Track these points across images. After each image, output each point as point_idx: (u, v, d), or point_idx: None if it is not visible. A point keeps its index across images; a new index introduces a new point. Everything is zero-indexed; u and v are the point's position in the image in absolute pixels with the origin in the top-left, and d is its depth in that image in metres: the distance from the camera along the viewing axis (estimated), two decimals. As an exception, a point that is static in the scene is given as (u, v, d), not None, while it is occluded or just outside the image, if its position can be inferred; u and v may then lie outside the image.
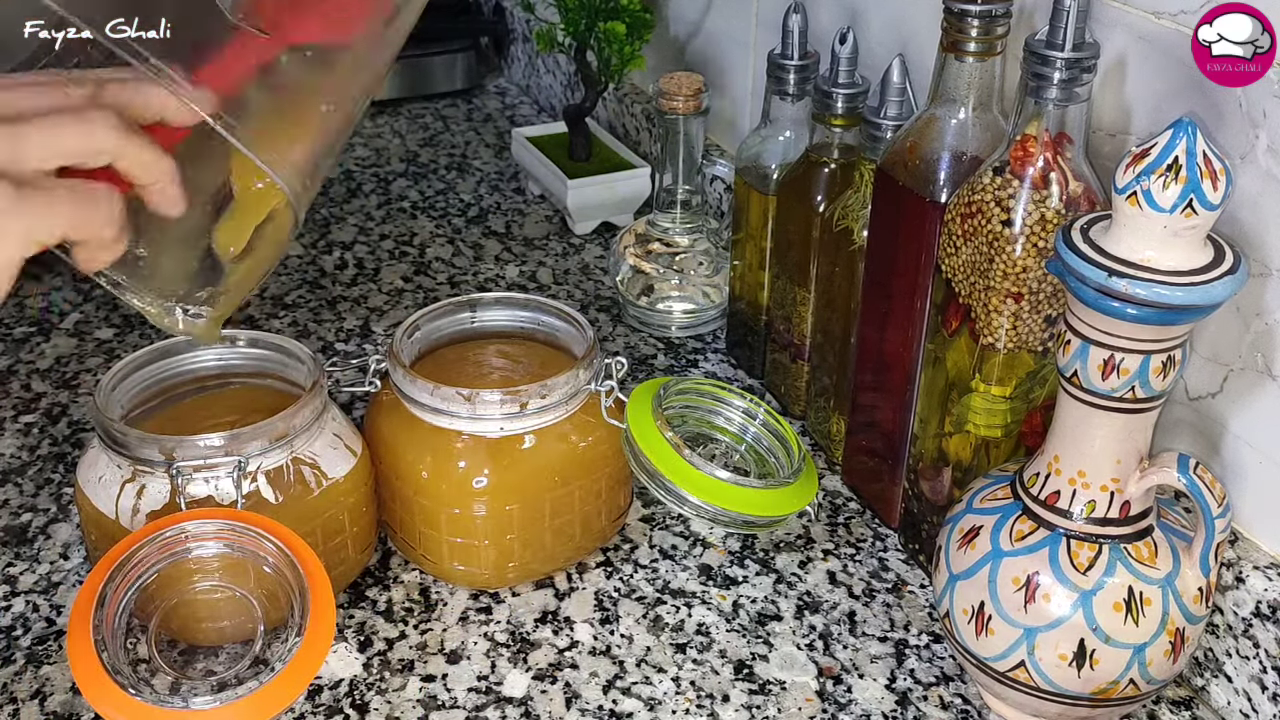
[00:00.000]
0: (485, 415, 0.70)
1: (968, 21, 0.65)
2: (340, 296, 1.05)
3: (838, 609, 0.73)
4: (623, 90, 1.23)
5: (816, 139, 0.82)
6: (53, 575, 0.75)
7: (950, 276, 0.67)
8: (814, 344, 0.86)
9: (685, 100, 0.93)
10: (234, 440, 0.66)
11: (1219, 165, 0.53)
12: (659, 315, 1.00)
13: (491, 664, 0.69)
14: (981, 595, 0.61)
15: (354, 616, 0.72)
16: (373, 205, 1.21)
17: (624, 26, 1.04)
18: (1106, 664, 0.59)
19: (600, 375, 0.74)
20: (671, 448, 0.71)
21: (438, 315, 0.78)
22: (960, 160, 0.68)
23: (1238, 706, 0.65)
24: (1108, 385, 0.56)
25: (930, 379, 0.71)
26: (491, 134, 1.38)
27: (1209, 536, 0.59)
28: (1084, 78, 0.61)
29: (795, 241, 0.84)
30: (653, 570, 0.76)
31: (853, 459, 0.82)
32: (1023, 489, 0.62)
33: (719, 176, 1.05)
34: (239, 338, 0.75)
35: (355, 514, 0.71)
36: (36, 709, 0.66)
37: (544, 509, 0.72)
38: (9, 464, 0.84)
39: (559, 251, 1.13)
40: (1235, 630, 0.64)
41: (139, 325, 1.00)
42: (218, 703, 0.59)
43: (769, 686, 0.68)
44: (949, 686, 0.68)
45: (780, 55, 0.84)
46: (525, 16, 1.40)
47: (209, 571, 0.64)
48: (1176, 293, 0.53)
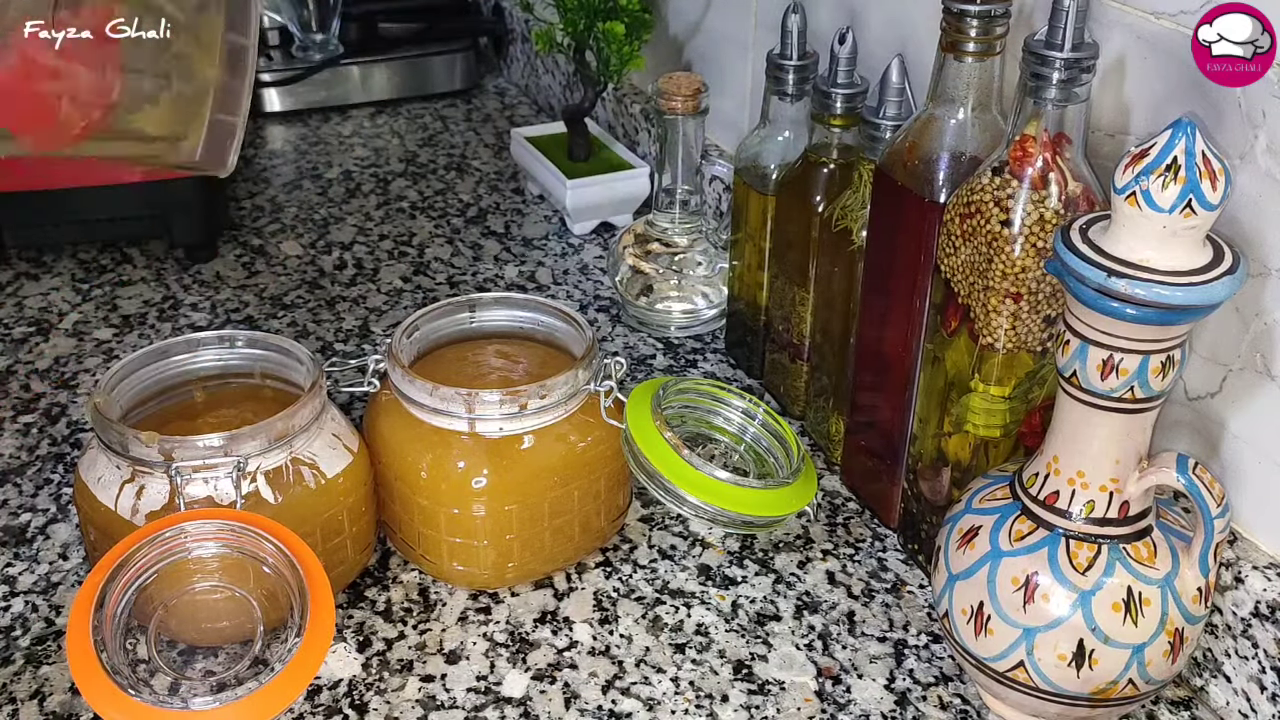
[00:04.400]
0: (484, 415, 0.70)
1: (967, 21, 0.65)
2: (339, 297, 1.05)
3: (837, 609, 0.73)
4: (622, 90, 1.23)
5: (815, 139, 0.82)
6: (52, 575, 0.75)
7: (949, 276, 0.67)
8: (813, 344, 0.86)
9: (684, 100, 0.93)
10: (233, 440, 0.66)
11: (1218, 165, 0.53)
12: (658, 315, 1.00)
13: (491, 664, 0.69)
14: (980, 595, 0.61)
15: (353, 617, 0.72)
16: (372, 205, 1.21)
17: (623, 26, 1.04)
18: (1105, 664, 0.59)
19: (599, 375, 0.74)
20: (671, 448, 0.71)
21: (437, 315, 0.78)
22: (959, 160, 0.68)
23: (1237, 707, 0.65)
24: (1107, 385, 0.56)
25: (929, 379, 0.71)
26: (490, 134, 1.38)
27: (1208, 537, 0.59)
28: (1083, 78, 0.61)
29: (794, 242, 0.84)
30: (652, 570, 0.76)
31: (852, 459, 0.82)
32: (1022, 489, 0.62)
33: (718, 176, 1.05)
34: (238, 338, 0.75)
35: (354, 514, 0.71)
36: (36, 709, 0.66)
37: (543, 509, 0.72)
38: (8, 464, 0.84)
39: (558, 251, 1.13)
40: (1234, 630, 0.64)
41: (138, 325, 1.00)
42: (217, 703, 0.59)
43: (768, 686, 0.68)
44: (948, 686, 0.68)
45: (779, 55, 0.84)
46: (524, 16, 1.40)
47: (208, 572, 0.64)
48: (1176, 293, 0.53)
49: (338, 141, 1.35)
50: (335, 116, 1.41)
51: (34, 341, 0.98)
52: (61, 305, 1.03)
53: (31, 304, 1.03)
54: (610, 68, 1.07)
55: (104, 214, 1.05)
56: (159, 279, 1.07)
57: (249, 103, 0.62)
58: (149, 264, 1.09)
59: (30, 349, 0.97)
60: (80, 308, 1.02)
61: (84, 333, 0.99)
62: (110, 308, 1.02)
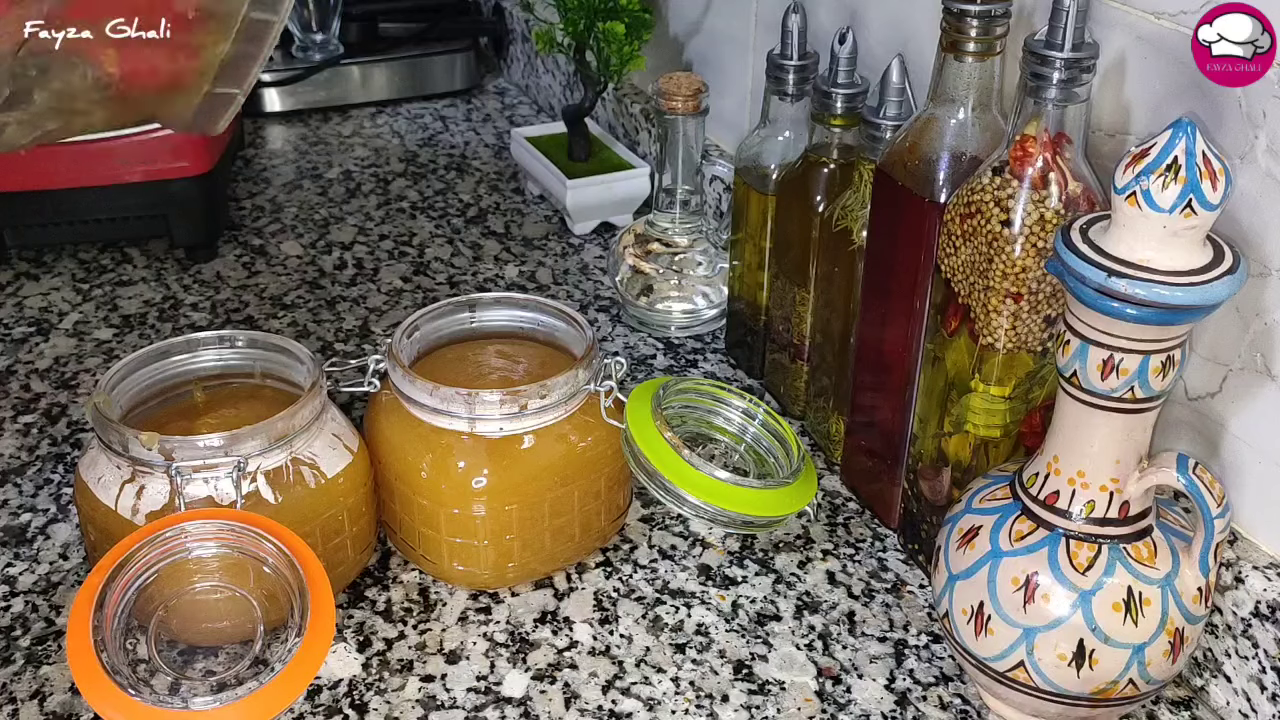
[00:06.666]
0: (485, 415, 0.70)
1: (967, 21, 0.65)
2: (339, 296, 1.05)
3: (837, 609, 0.73)
4: (622, 90, 1.23)
5: (816, 139, 0.82)
6: (52, 575, 0.75)
7: (949, 276, 0.67)
8: (813, 344, 0.86)
9: (685, 100, 0.93)
10: (233, 440, 0.66)
11: (1218, 165, 0.53)
12: (658, 315, 1.00)
13: (491, 664, 0.69)
14: (981, 595, 0.61)
15: (353, 616, 0.72)
16: (372, 205, 1.21)
17: (623, 26, 1.04)
18: (1106, 664, 0.59)
19: (599, 375, 0.74)
20: (671, 448, 0.71)
21: (437, 315, 0.78)
22: (959, 160, 0.68)
23: (1237, 707, 0.65)
24: (1107, 385, 0.56)
25: (929, 379, 0.71)
26: (491, 134, 1.38)
27: (1208, 536, 0.59)
28: (1083, 78, 0.61)
29: (794, 241, 0.84)
30: (652, 570, 0.76)
31: (852, 459, 0.82)
32: (1022, 489, 0.62)
33: (718, 176, 1.05)
34: (238, 338, 0.75)
35: (354, 514, 0.71)
36: (36, 709, 0.66)
37: (543, 509, 0.72)
38: (8, 464, 0.84)
39: (558, 251, 1.13)
40: (1234, 630, 0.64)
41: (138, 325, 1.00)
42: (217, 703, 0.59)
43: (768, 687, 0.68)
44: (948, 686, 0.68)
45: (780, 55, 0.84)
46: (525, 16, 1.40)
47: (209, 572, 0.64)
48: (1176, 293, 0.53)
49: (338, 141, 1.35)
50: (335, 116, 1.41)
51: (34, 341, 0.98)
52: (62, 305, 1.03)
53: (32, 304, 1.03)
54: (610, 68, 1.07)
55: (104, 214, 1.06)
56: (159, 279, 1.07)
57: (259, 74, 0.62)
58: (149, 264, 1.09)
59: (30, 349, 0.97)
60: (80, 308, 1.02)
61: (84, 333, 0.99)
62: (110, 308, 1.02)
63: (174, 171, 1.04)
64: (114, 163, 1.03)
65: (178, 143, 1.03)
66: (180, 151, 1.04)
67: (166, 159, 1.04)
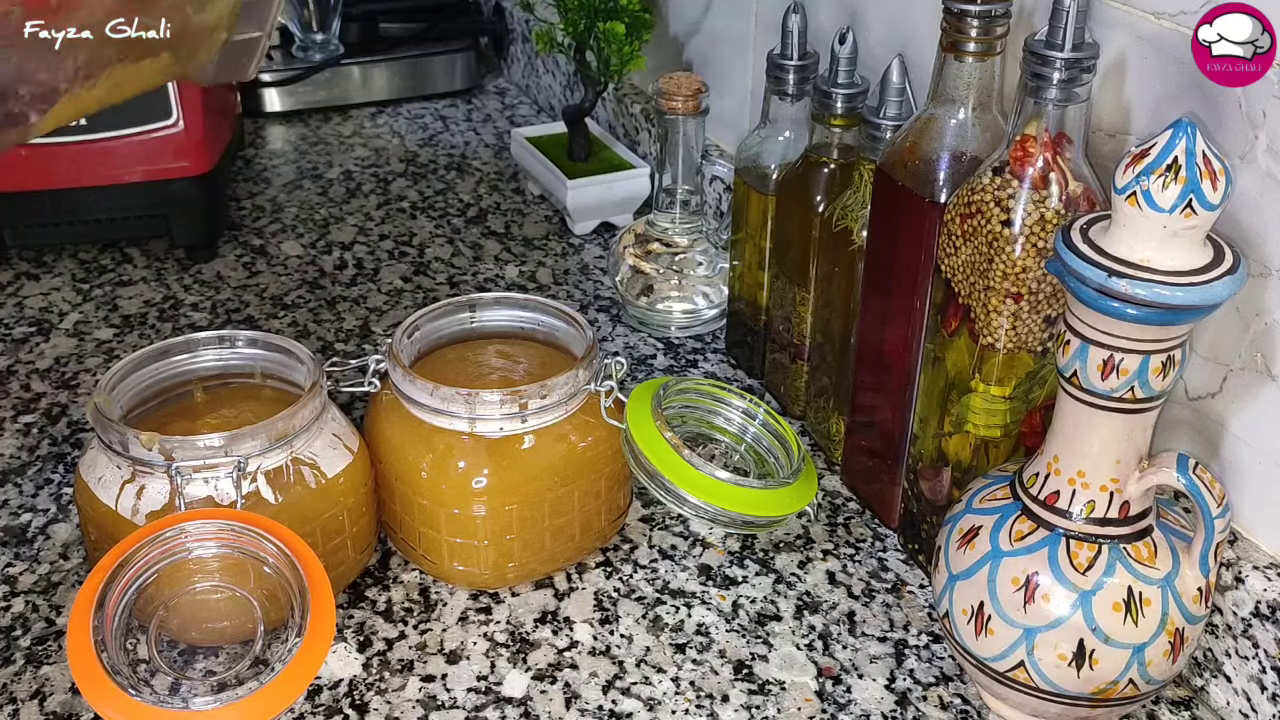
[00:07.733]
0: (485, 415, 0.70)
1: (967, 21, 0.65)
2: (340, 296, 1.05)
3: (837, 609, 0.73)
4: (622, 90, 1.23)
5: (816, 139, 0.82)
6: (52, 575, 0.75)
7: (950, 276, 0.67)
8: (813, 344, 0.86)
9: (685, 100, 0.93)
10: (233, 440, 0.66)
11: (1218, 165, 0.53)
12: (658, 315, 1.00)
13: (491, 664, 0.69)
14: (981, 595, 0.61)
15: (354, 616, 0.72)
16: (372, 205, 1.21)
17: (623, 26, 1.04)
18: (1106, 664, 0.59)
19: (600, 375, 0.74)
20: (671, 448, 0.71)
21: (437, 315, 0.78)
22: (960, 160, 0.68)
23: (1237, 707, 0.65)
24: (1107, 385, 0.56)
25: (930, 379, 0.71)
26: (491, 134, 1.38)
27: (1208, 537, 0.59)
28: (1083, 78, 0.61)
29: (794, 241, 0.84)
30: (652, 570, 0.76)
31: (852, 459, 0.82)
32: (1022, 489, 0.62)
33: (718, 176, 1.05)
34: (238, 338, 0.75)
35: (355, 514, 0.71)
36: (36, 709, 0.66)
37: (543, 509, 0.72)
38: (9, 464, 0.84)
39: (558, 251, 1.13)
40: (1235, 630, 0.64)
41: (139, 325, 1.00)
42: (218, 703, 0.59)
43: (768, 687, 0.68)
44: (948, 687, 0.68)
45: (780, 55, 0.84)
46: (525, 16, 1.40)
47: (209, 572, 0.64)
48: (1176, 293, 0.53)
49: (338, 141, 1.35)
50: (335, 116, 1.41)
51: (34, 341, 0.98)
52: (62, 305, 1.03)
53: (32, 304, 1.03)
54: (610, 68, 1.07)
55: (104, 214, 1.05)
56: (159, 279, 1.07)
57: (278, 12, 0.62)
58: (149, 264, 1.09)
59: (30, 349, 0.97)
60: (80, 308, 1.02)
61: (84, 333, 0.99)
62: (110, 308, 1.02)
63: (174, 171, 1.04)
64: (114, 163, 1.03)
65: (178, 143, 1.03)
66: (180, 151, 1.04)
67: (167, 159, 1.04)
